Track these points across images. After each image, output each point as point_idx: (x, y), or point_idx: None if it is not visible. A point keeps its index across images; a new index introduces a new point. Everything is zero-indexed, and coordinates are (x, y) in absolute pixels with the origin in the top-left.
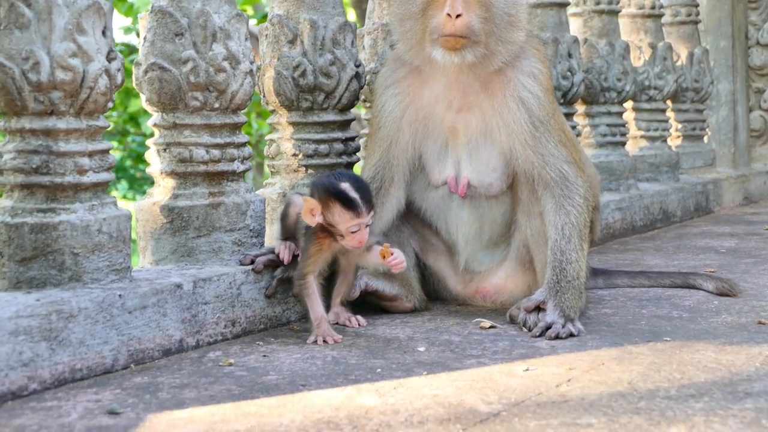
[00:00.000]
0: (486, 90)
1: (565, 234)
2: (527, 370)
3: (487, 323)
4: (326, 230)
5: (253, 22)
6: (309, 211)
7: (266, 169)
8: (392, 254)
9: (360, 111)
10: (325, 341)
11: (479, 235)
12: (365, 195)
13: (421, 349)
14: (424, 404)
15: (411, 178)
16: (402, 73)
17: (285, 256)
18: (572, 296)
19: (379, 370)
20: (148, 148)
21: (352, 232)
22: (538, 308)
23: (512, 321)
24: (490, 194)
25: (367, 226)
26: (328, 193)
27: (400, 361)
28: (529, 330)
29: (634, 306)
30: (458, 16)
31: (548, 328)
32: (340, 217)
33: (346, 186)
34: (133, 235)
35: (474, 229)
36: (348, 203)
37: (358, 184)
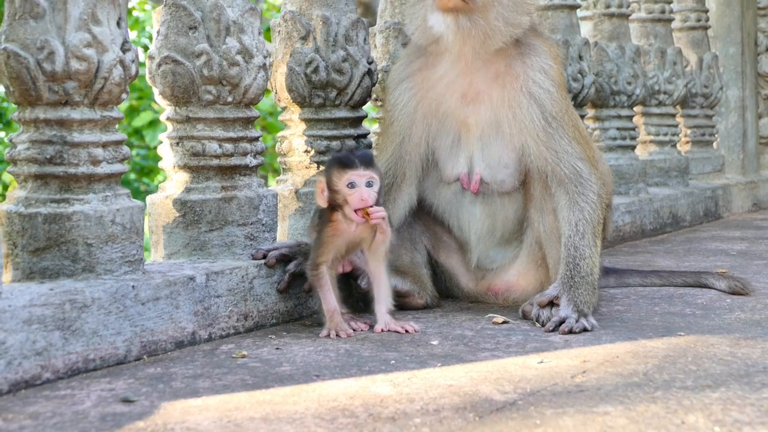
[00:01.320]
0: (495, 80)
1: (578, 230)
2: (542, 362)
3: (499, 319)
4: (336, 210)
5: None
6: (320, 191)
7: (270, 182)
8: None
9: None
10: (338, 335)
11: (491, 232)
12: (361, 155)
13: (435, 342)
14: (439, 393)
15: (423, 174)
16: (415, 66)
17: None
18: (586, 291)
19: (393, 361)
20: (152, 162)
21: (350, 189)
22: (552, 303)
23: (525, 317)
24: (503, 191)
25: (368, 186)
26: (328, 163)
27: (414, 354)
28: (543, 325)
29: (646, 304)
30: None
31: (562, 322)
32: (337, 178)
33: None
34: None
35: (486, 226)
36: (340, 160)
37: (357, 150)
